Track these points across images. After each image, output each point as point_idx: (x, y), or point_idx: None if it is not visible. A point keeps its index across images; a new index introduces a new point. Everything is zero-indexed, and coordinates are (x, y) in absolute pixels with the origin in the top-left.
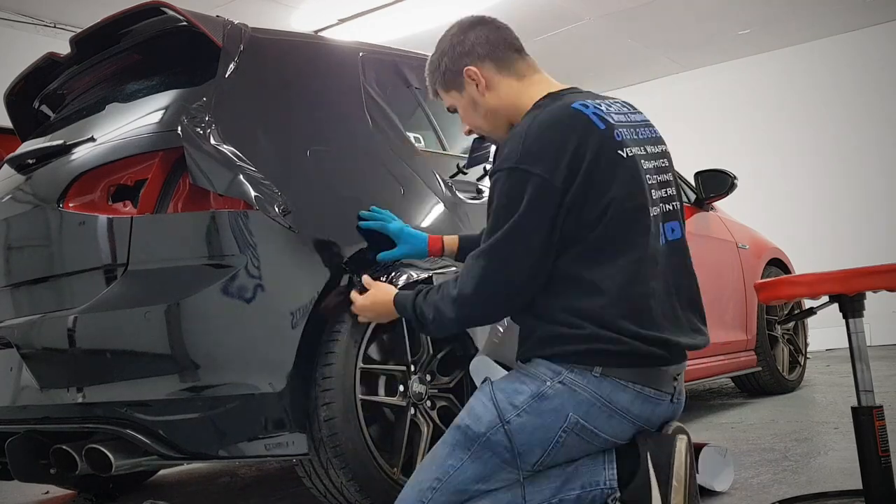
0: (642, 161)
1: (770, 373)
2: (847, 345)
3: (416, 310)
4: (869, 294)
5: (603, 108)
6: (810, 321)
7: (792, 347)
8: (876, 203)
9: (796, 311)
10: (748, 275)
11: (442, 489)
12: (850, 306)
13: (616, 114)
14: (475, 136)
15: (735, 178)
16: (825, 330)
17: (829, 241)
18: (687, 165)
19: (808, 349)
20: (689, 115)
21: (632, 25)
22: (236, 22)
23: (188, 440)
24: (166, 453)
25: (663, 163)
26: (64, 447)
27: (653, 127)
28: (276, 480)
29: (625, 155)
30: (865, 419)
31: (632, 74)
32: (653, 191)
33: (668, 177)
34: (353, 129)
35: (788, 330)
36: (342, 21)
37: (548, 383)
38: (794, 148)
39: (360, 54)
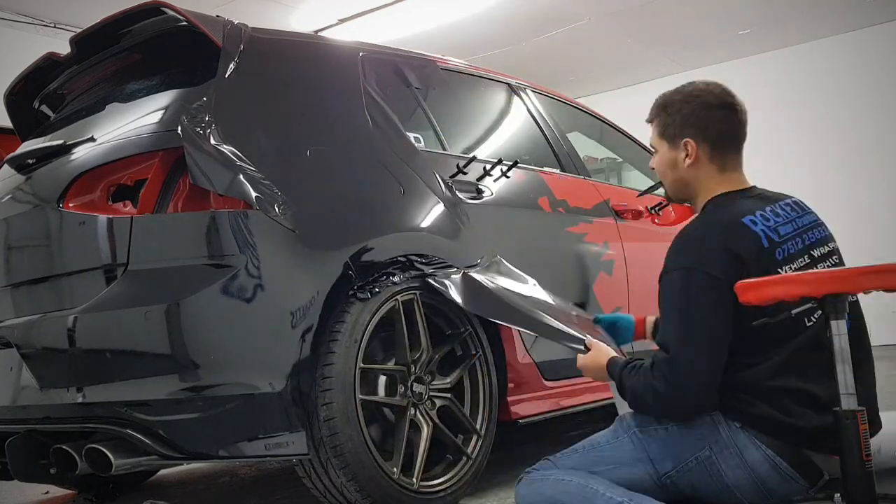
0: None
1: None
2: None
3: (620, 382)
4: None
5: (772, 221)
6: None
7: None
8: (876, 203)
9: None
10: None
11: (581, 453)
12: (833, 307)
13: (784, 224)
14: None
15: None
16: None
17: None
18: None
19: None
20: None
21: (632, 25)
22: (236, 22)
23: (188, 440)
24: (166, 453)
25: (831, 261)
26: (64, 447)
27: (822, 227)
28: (276, 480)
29: (784, 272)
30: (849, 423)
31: (632, 74)
32: None
33: None
34: (353, 129)
35: None
36: (342, 21)
37: (703, 415)
38: (794, 148)
39: (360, 54)
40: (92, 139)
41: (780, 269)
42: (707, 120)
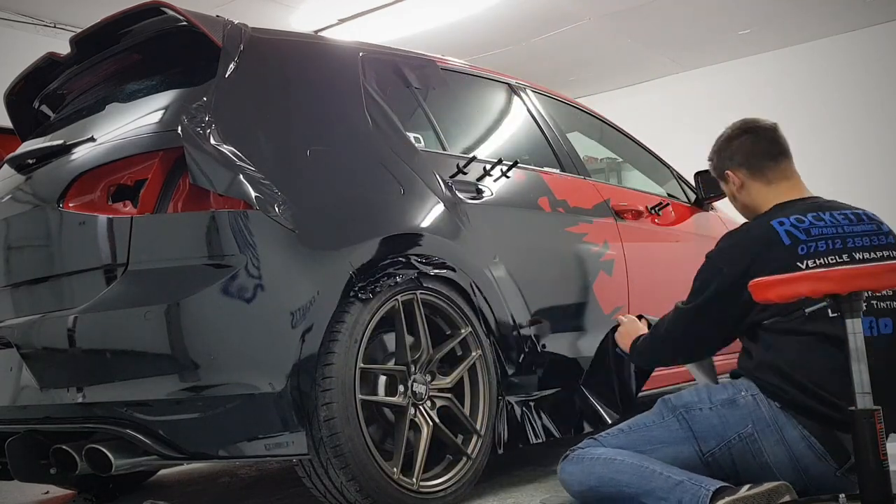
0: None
1: None
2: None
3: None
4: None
5: (807, 223)
6: None
7: None
8: (877, 202)
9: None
10: None
11: (627, 433)
12: (849, 306)
13: (825, 227)
14: None
15: None
16: None
17: None
18: (687, 165)
19: None
20: (689, 115)
21: (632, 25)
22: (236, 22)
23: (188, 440)
24: (166, 453)
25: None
26: (64, 447)
27: (881, 236)
28: (276, 480)
29: (804, 266)
30: (865, 422)
31: (632, 74)
32: None
33: None
34: (353, 129)
35: None
36: (342, 21)
37: (742, 393)
38: (793, 148)
39: (360, 54)
40: (92, 139)
41: (799, 264)
42: (734, 150)
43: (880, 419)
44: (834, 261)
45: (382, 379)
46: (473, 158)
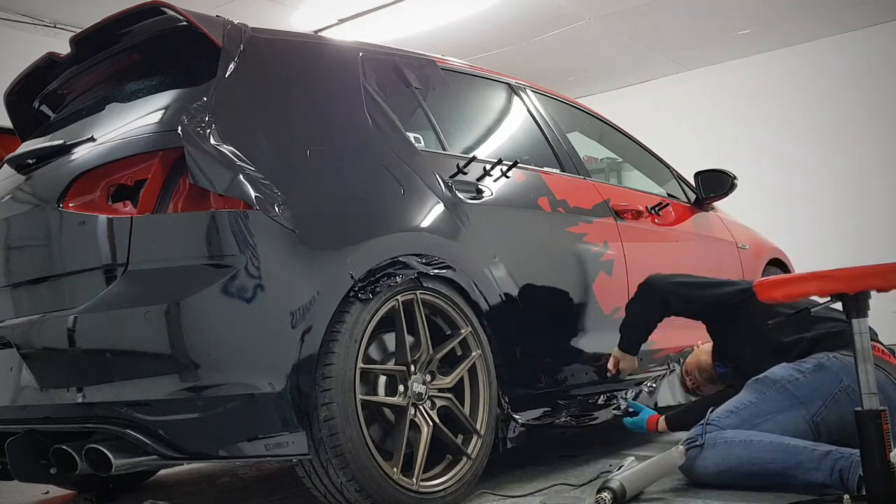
0: None
1: None
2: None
3: None
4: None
5: None
6: None
7: None
8: (876, 202)
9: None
10: (748, 275)
11: (737, 412)
12: (855, 305)
13: None
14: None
15: (735, 177)
16: None
17: (830, 240)
18: (687, 165)
19: None
20: (689, 115)
21: (632, 25)
22: (236, 22)
23: (188, 440)
24: (166, 453)
25: None
26: (64, 447)
27: None
28: (276, 480)
29: None
30: (872, 423)
31: (632, 74)
32: None
33: None
34: (353, 129)
35: None
36: (342, 21)
37: (824, 358)
38: (793, 148)
39: (360, 54)
40: (92, 139)
41: None
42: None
43: (887, 420)
44: None
45: (382, 379)
46: (473, 158)
